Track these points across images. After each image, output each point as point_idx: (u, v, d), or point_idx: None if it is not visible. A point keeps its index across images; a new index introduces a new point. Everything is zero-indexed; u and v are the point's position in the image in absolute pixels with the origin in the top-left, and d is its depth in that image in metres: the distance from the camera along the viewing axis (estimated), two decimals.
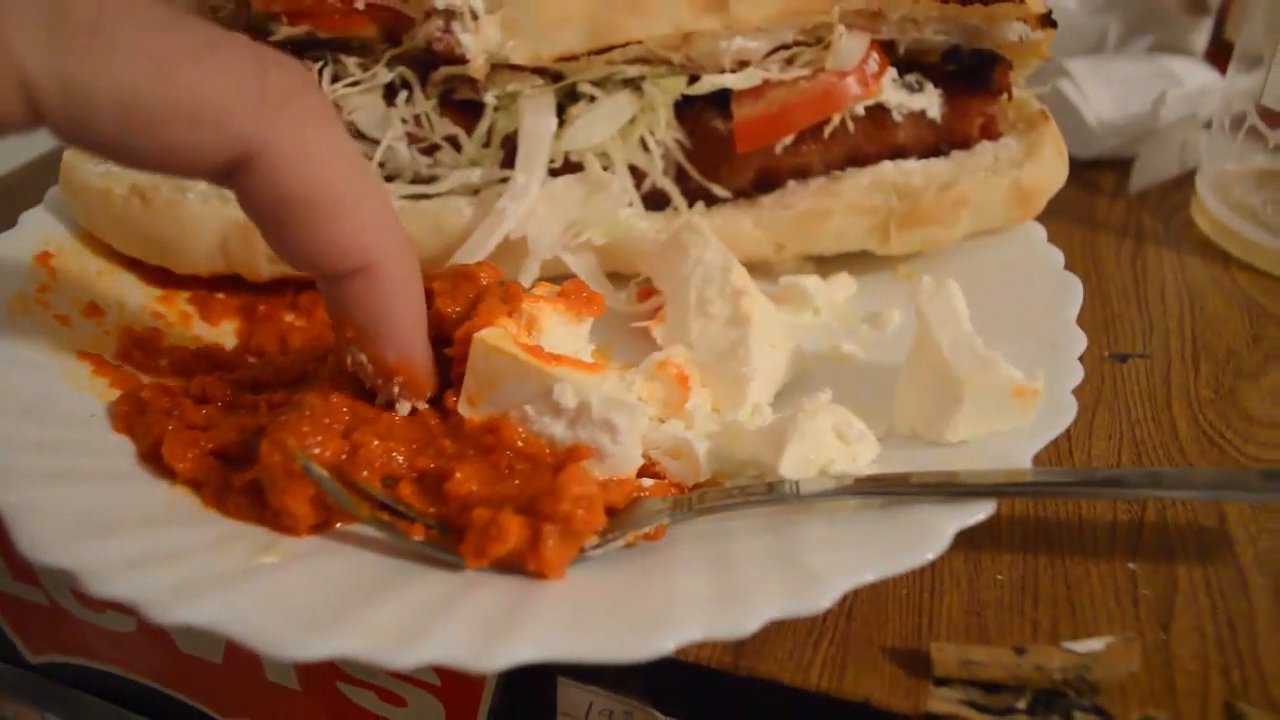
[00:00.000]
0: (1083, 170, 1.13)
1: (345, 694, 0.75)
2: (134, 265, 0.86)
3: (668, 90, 0.85)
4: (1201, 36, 1.28)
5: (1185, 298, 0.96)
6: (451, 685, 0.70)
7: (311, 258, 0.59)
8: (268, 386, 0.72)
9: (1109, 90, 1.13)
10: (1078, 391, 0.71)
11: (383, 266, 0.60)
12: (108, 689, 0.91)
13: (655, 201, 0.88)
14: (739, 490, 0.63)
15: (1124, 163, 1.14)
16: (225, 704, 0.85)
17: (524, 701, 0.68)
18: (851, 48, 0.84)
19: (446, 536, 0.60)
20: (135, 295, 0.85)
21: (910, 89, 0.87)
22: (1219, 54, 1.23)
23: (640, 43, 0.83)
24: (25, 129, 0.51)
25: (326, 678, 0.74)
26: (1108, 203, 1.11)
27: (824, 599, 0.55)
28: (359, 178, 0.59)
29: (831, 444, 0.64)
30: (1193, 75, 1.15)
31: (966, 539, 0.62)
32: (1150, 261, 1.01)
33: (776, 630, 0.61)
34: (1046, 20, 0.87)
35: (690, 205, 0.87)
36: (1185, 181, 1.10)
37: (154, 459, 0.66)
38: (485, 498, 0.60)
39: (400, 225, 0.62)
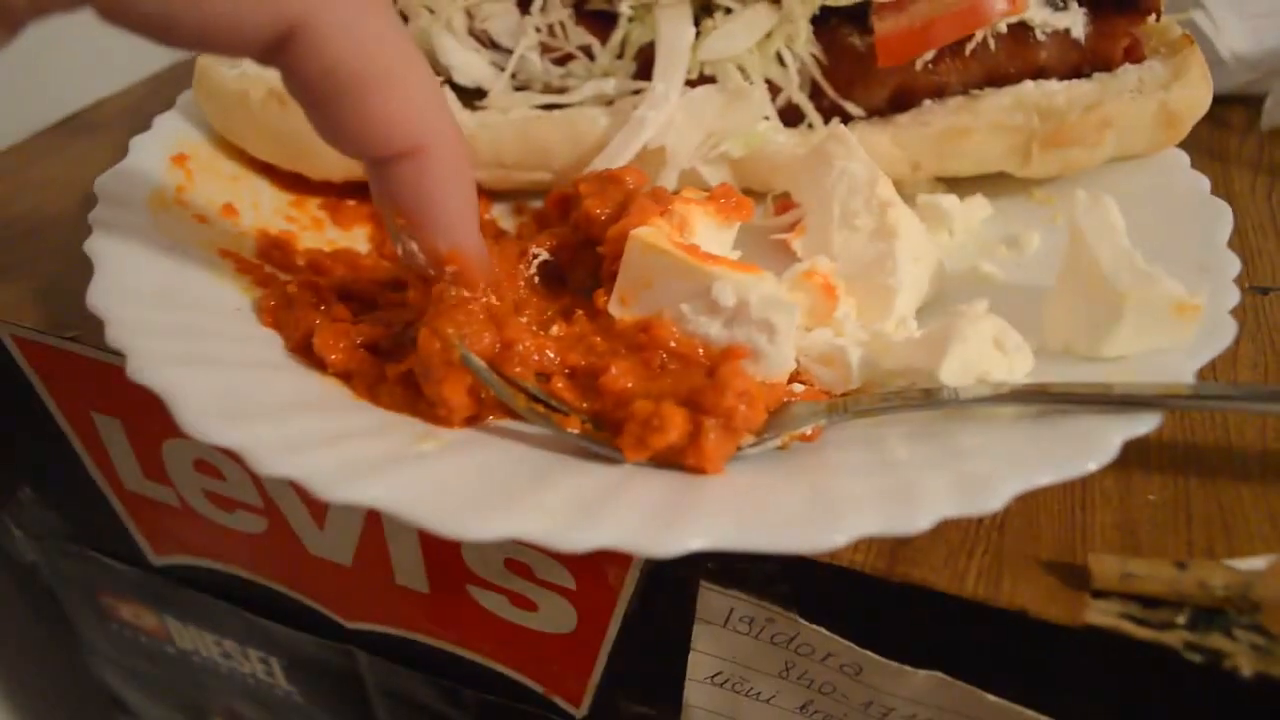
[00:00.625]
0: (1213, 105, 1.09)
1: (475, 597, 0.75)
2: (266, 171, 0.87)
3: (807, 2, 0.83)
4: None
5: None
6: (587, 590, 0.70)
7: (358, 137, 0.58)
8: (406, 286, 0.72)
9: (1243, 23, 1.09)
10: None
11: (433, 149, 0.59)
12: (229, 591, 0.93)
13: (790, 117, 0.86)
14: (896, 394, 0.62)
15: (1255, 99, 1.10)
16: (351, 608, 0.86)
17: (662, 607, 0.68)
18: None
19: (601, 431, 0.59)
20: (268, 199, 0.85)
21: (1055, 7, 0.85)
22: None
23: None
24: (69, 7, 0.50)
25: (457, 580, 0.75)
26: (1239, 139, 1.08)
27: (994, 500, 0.54)
28: (409, 57, 0.58)
29: (990, 353, 0.63)
30: None
31: (1117, 459, 0.61)
32: None
33: (930, 540, 0.60)
34: None
35: (825, 122, 0.86)
36: None
37: (304, 352, 0.66)
38: (641, 393, 0.59)
39: (450, 111, 0.61)
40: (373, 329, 0.66)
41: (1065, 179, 0.87)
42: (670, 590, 0.67)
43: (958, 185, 0.88)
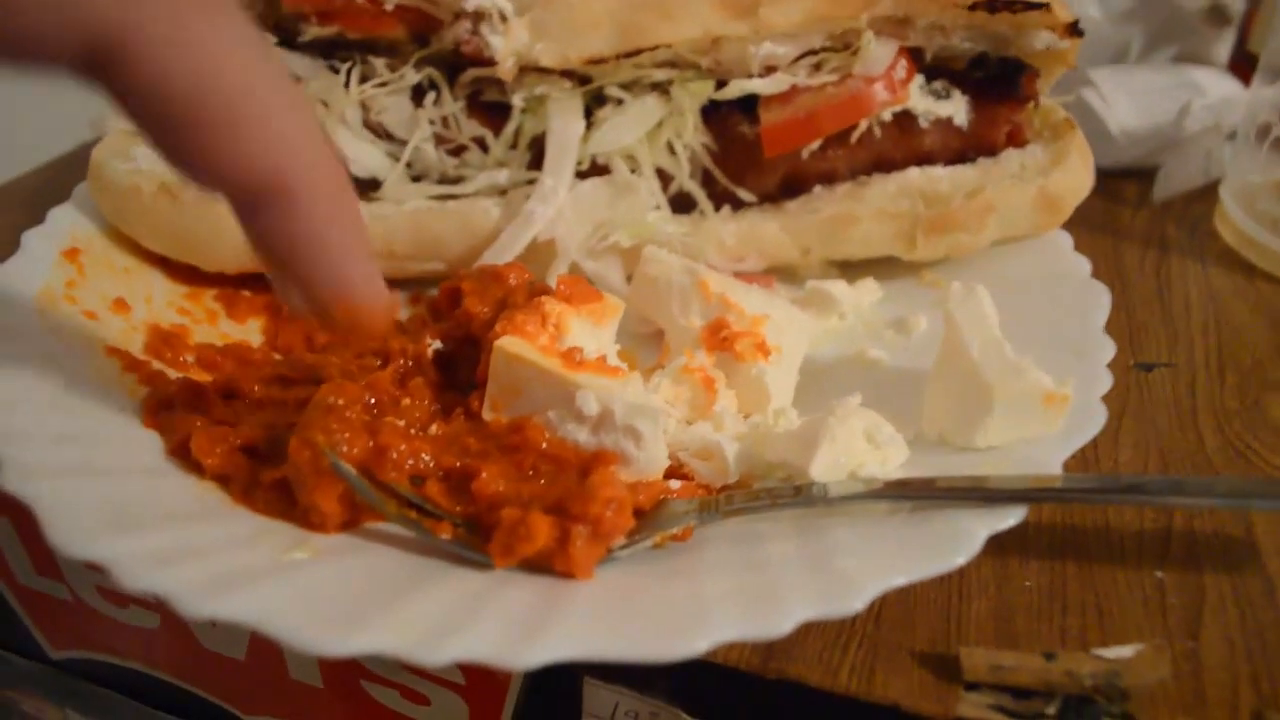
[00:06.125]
0: (1106, 179, 1.12)
1: (369, 692, 0.75)
2: (161, 262, 0.87)
3: (695, 94, 0.85)
4: (1224, 48, 1.28)
5: (1210, 308, 0.95)
6: (476, 684, 0.70)
7: (206, 174, 0.49)
8: (294, 384, 0.72)
9: (1132, 99, 1.13)
10: (1103, 400, 0.71)
11: (301, 190, 0.50)
12: (129, 685, 0.91)
13: (681, 205, 0.88)
14: (767, 492, 0.63)
15: (1147, 172, 1.14)
16: (248, 701, 0.85)
17: (549, 701, 0.68)
18: (879, 54, 0.85)
19: (474, 535, 0.60)
20: (162, 292, 0.85)
21: (937, 95, 0.87)
22: (1241, 65, 1.23)
23: (668, 46, 0.83)
24: None
25: (350, 676, 0.74)
26: (1131, 212, 1.11)
27: (857, 601, 0.54)
28: (263, 78, 0.48)
29: (862, 447, 0.64)
30: (1216, 86, 1.15)
31: (994, 545, 0.62)
32: (1174, 271, 1.01)
33: (805, 633, 0.60)
34: (1073, 29, 0.87)
35: (716, 209, 0.87)
36: (1209, 192, 1.10)
37: (182, 454, 0.66)
38: (512, 497, 0.60)
39: (323, 140, 0.52)
40: (252, 431, 0.66)
41: (954, 261, 0.89)
42: (557, 685, 0.67)
43: (850, 267, 0.90)
